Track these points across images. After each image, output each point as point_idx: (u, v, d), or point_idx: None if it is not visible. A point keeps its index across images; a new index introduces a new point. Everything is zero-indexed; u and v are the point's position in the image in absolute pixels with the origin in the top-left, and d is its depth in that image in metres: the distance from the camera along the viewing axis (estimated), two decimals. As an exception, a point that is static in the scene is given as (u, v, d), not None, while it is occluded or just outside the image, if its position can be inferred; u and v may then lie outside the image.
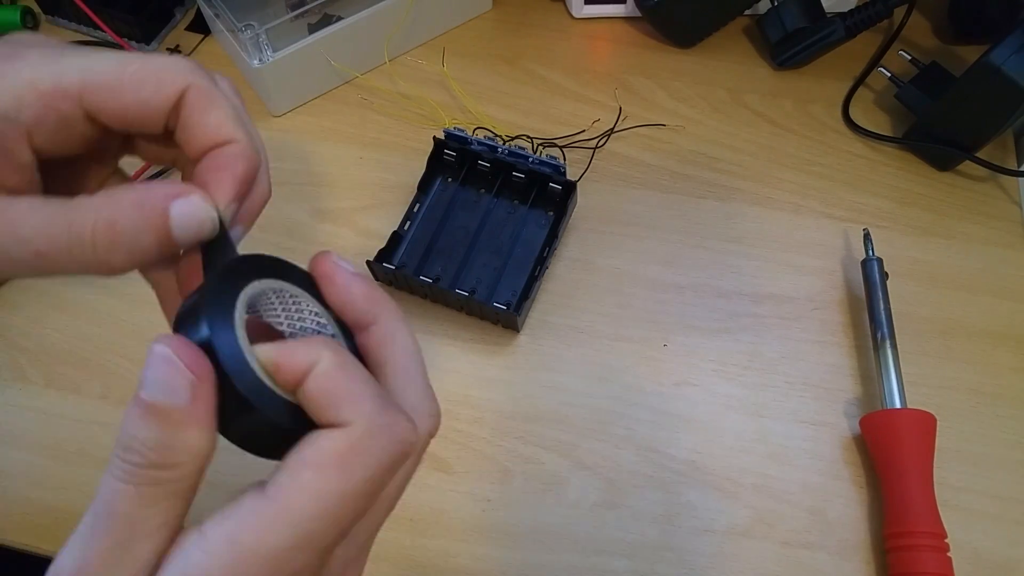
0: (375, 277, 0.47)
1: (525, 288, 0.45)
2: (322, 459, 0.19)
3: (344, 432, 0.19)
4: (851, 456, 0.43)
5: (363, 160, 0.54)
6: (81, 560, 0.19)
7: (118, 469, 0.19)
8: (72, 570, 0.19)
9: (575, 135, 0.54)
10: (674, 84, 0.57)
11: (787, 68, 0.58)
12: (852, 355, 0.46)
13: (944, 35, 0.59)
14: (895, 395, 0.41)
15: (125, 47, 0.58)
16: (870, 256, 0.46)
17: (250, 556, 0.19)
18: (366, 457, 0.19)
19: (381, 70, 0.58)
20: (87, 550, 0.19)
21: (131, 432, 0.19)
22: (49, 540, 0.40)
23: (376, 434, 0.20)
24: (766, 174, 0.53)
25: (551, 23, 0.61)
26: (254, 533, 0.19)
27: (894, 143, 0.54)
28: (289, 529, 0.19)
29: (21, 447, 0.43)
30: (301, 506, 0.19)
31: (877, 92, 0.57)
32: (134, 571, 0.19)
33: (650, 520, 0.41)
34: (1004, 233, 0.50)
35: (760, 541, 0.40)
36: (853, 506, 0.41)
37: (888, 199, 0.52)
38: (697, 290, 0.48)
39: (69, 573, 0.19)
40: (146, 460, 0.19)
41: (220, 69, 0.62)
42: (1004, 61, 0.45)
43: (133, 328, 0.46)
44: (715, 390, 0.45)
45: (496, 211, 0.49)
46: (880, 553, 0.40)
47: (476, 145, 0.48)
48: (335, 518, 0.19)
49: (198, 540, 0.19)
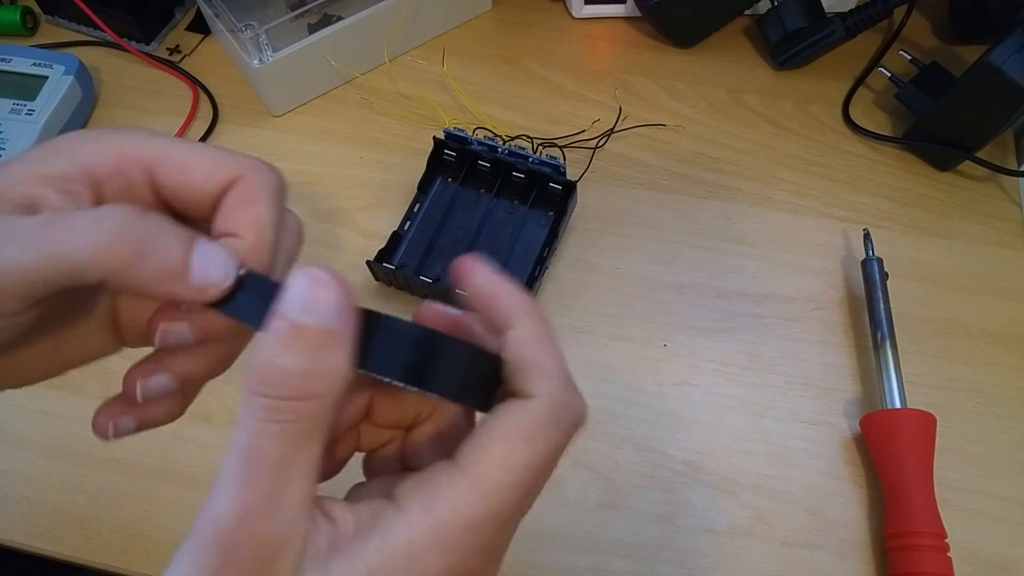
0: (375, 277, 0.47)
1: (525, 289, 0.45)
2: (510, 432, 0.20)
3: (532, 405, 0.20)
4: (851, 456, 0.43)
5: (363, 160, 0.54)
6: (238, 510, 0.18)
7: (258, 408, 0.18)
8: (232, 521, 0.18)
9: (575, 135, 0.54)
10: (674, 84, 0.57)
11: (787, 68, 0.58)
12: (852, 355, 0.46)
13: (944, 35, 0.59)
14: (895, 395, 0.41)
15: (125, 47, 0.58)
16: (870, 256, 0.46)
17: (446, 526, 0.19)
18: (550, 432, 0.20)
19: (381, 70, 0.58)
20: (239, 500, 0.18)
21: (272, 362, 0.18)
22: (49, 540, 0.40)
23: (559, 411, 0.20)
24: (766, 174, 0.53)
25: (551, 23, 0.61)
26: (450, 504, 0.19)
27: (894, 143, 0.54)
28: (482, 500, 0.19)
29: (21, 447, 0.43)
30: (492, 477, 0.20)
31: (877, 92, 0.57)
32: (292, 518, 0.19)
33: (650, 520, 0.41)
34: (1004, 233, 0.50)
35: (760, 541, 0.40)
36: (853, 506, 0.41)
37: (888, 199, 0.52)
38: (697, 290, 0.48)
39: (230, 526, 0.18)
40: (290, 390, 0.18)
41: (220, 69, 0.63)
42: (1004, 61, 0.45)
43: (133, 328, 0.46)
44: (715, 390, 0.45)
45: (496, 211, 0.49)
46: (880, 553, 0.40)
47: (476, 145, 0.48)
48: (521, 490, 0.20)
49: (396, 513, 0.20)
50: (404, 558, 0.19)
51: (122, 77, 0.58)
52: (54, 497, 0.41)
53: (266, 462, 0.18)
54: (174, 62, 0.59)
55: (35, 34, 0.61)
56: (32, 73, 0.54)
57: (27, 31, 0.61)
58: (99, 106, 0.57)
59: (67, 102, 0.54)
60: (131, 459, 0.42)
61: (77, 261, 0.19)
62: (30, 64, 0.54)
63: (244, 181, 0.23)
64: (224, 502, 0.18)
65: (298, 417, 0.18)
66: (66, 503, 0.41)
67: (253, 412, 0.18)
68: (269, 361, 0.18)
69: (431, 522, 0.19)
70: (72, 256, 0.19)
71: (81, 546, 0.40)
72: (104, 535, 0.40)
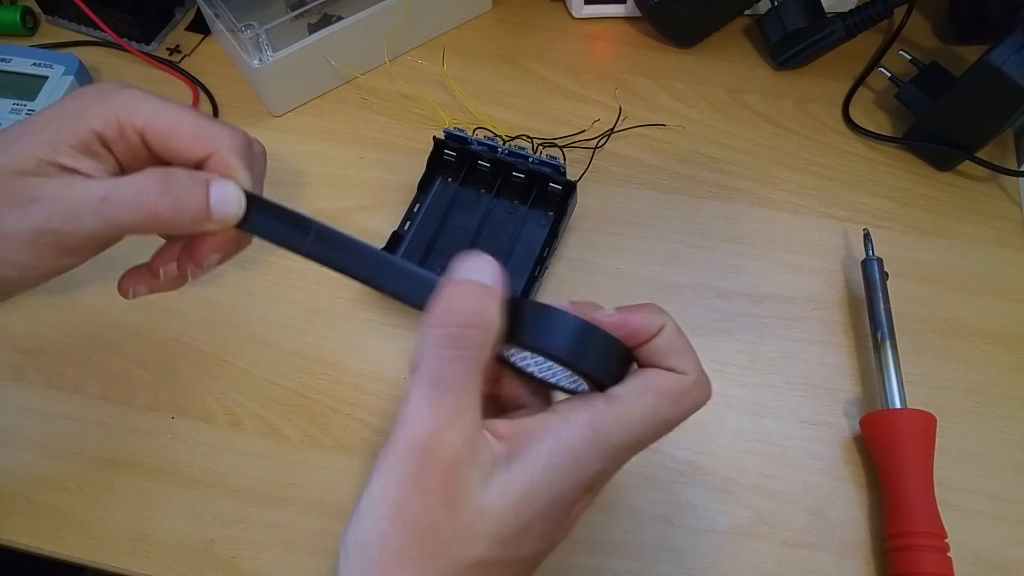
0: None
1: (525, 288, 0.45)
2: (663, 389, 0.26)
3: (680, 377, 0.26)
4: (851, 456, 0.43)
5: (363, 160, 0.54)
6: (430, 426, 0.24)
7: (439, 337, 0.25)
8: (426, 435, 0.23)
9: (575, 135, 0.54)
10: (674, 84, 0.57)
11: (787, 68, 0.58)
12: (852, 355, 0.46)
13: (944, 35, 0.59)
14: (895, 395, 0.41)
15: (125, 47, 0.58)
16: (870, 256, 0.46)
17: (602, 440, 0.25)
18: (688, 400, 0.26)
19: (381, 70, 0.58)
20: (431, 417, 0.24)
21: (449, 303, 0.25)
22: (49, 540, 0.40)
23: (697, 386, 0.27)
24: (766, 174, 0.53)
25: (551, 23, 0.61)
26: (607, 424, 0.25)
27: (894, 143, 0.54)
28: (629, 429, 0.25)
29: (21, 447, 0.43)
30: (640, 415, 0.25)
31: (877, 92, 0.57)
32: (472, 432, 0.24)
33: (650, 520, 0.41)
34: (1004, 233, 0.50)
35: (760, 541, 0.40)
36: (853, 506, 0.41)
37: (888, 199, 0.52)
38: (697, 290, 0.48)
39: (424, 439, 0.23)
40: (466, 319, 0.25)
41: (220, 69, 0.63)
42: (1004, 61, 0.45)
43: (133, 328, 0.46)
44: (715, 390, 0.44)
45: (496, 211, 0.49)
46: (880, 553, 0.40)
47: (476, 145, 0.48)
48: (651, 435, 0.26)
49: (563, 423, 0.25)
50: (571, 457, 0.24)
51: (122, 77, 0.58)
52: (54, 497, 0.41)
53: (450, 385, 0.24)
54: (174, 62, 0.59)
55: (35, 34, 0.61)
56: (32, 73, 0.54)
57: (27, 31, 0.61)
58: (99, 106, 0.57)
59: (67, 102, 0.54)
60: (131, 459, 0.42)
61: (132, 227, 0.29)
62: (30, 64, 0.54)
63: (218, 155, 0.30)
64: (418, 420, 0.24)
65: (470, 345, 0.24)
66: (66, 503, 0.41)
67: (435, 343, 0.24)
68: (447, 302, 0.25)
69: (592, 433, 0.25)
70: (129, 225, 0.29)
71: (81, 546, 0.40)
72: (104, 535, 0.40)
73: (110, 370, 0.45)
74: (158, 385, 0.45)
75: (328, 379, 0.45)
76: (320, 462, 0.42)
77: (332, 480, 0.42)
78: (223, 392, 0.44)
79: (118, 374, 0.45)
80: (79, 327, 0.47)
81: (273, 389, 0.45)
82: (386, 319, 0.47)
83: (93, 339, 0.46)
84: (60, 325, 0.47)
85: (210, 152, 0.30)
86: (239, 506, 0.41)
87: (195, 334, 0.46)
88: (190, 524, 0.41)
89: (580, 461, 0.25)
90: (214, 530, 0.40)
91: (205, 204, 0.29)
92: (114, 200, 0.28)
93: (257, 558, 0.40)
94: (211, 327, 0.47)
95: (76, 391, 0.44)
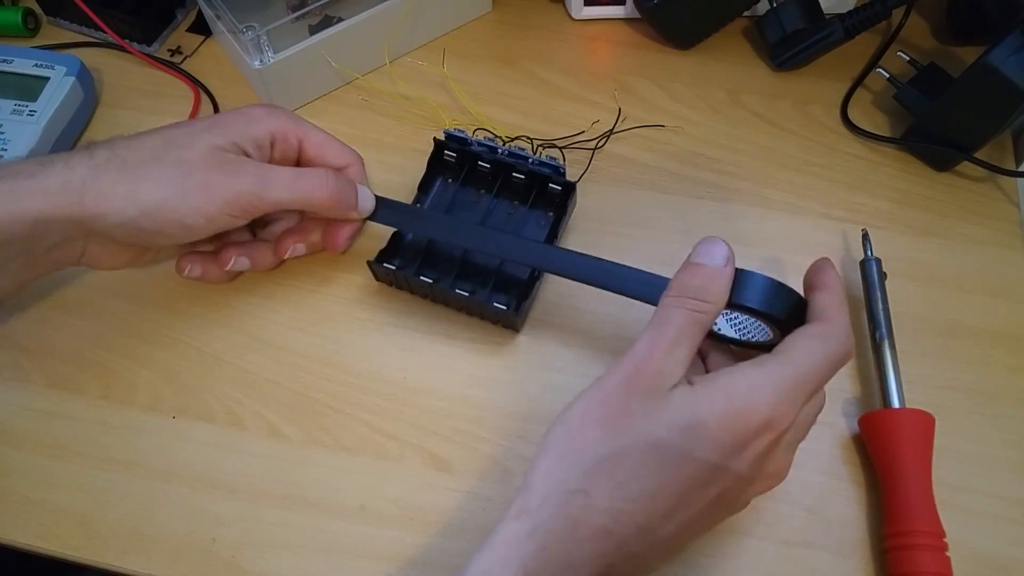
0: (376, 277, 0.47)
1: (525, 288, 0.46)
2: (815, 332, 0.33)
3: (826, 324, 0.33)
4: (850, 455, 0.43)
5: (363, 161, 0.54)
6: (649, 347, 0.32)
7: (672, 299, 0.33)
8: (644, 352, 0.32)
9: (575, 136, 0.54)
10: (673, 85, 0.57)
11: (786, 69, 0.58)
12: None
13: (942, 36, 0.59)
14: (894, 395, 0.42)
15: (126, 48, 0.58)
16: (869, 256, 0.46)
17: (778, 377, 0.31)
18: (834, 340, 0.32)
19: (382, 71, 0.58)
20: (651, 342, 0.32)
21: (685, 282, 0.33)
22: (49, 540, 0.40)
23: (844, 331, 0.33)
24: (765, 175, 0.53)
25: (551, 24, 0.61)
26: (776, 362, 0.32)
27: (893, 144, 0.54)
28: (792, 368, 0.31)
29: (21, 447, 0.43)
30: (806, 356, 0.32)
31: (876, 93, 0.57)
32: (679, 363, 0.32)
33: (650, 519, 0.41)
34: (1003, 233, 0.50)
35: (760, 540, 0.40)
36: (852, 505, 0.41)
37: (887, 200, 0.52)
38: (696, 290, 0.48)
39: (642, 355, 0.32)
40: (693, 293, 0.33)
41: (221, 70, 0.63)
42: (1002, 62, 0.45)
43: (134, 328, 0.47)
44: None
45: (496, 211, 0.49)
46: (879, 552, 0.40)
47: (476, 146, 0.48)
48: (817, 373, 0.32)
49: (753, 367, 0.31)
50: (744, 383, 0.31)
51: (123, 78, 0.59)
52: (54, 497, 0.41)
53: (671, 325, 0.32)
54: (175, 63, 0.59)
55: (36, 35, 0.61)
56: (34, 74, 0.54)
57: (28, 32, 0.61)
58: (100, 107, 0.57)
59: (69, 103, 0.54)
60: (131, 459, 0.42)
61: (312, 203, 0.42)
62: (32, 65, 0.54)
63: (353, 167, 0.46)
64: (642, 344, 0.32)
65: (695, 308, 0.32)
66: (66, 503, 0.41)
67: (669, 303, 0.33)
68: (682, 282, 0.33)
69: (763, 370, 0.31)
70: (311, 200, 0.42)
71: (81, 546, 0.40)
72: (104, 535, 0.40)
73: (111, 370, 0.45)
74: (159, 385, 0.45)
75: (328, 379, 0.45)
76: (321, 461, 0.42)
77: (333, 479, 0.42)
78: (224, 392, 0.45)
79: (119, 374, 0.45)
80: (80, 327, 0.47)
81: (274, 389, 0.45)
82: (386, 319, 0.47)
83: (94, 339, 0.46)
84: (61, 325, 0.47)
85: (348, 164, 0.45)
86: (240, 505, 0.41)
87: (196, 334, 0.46)
88: (191, 523, 0.41)
89: (752, 387, 0.31)
90: (215, 529, 0.40)
91: (355, 198, 0.43)
92: (303, 179, 0.41)
93: (258, 557, 0.40)
94: (212, 327, 0.47)
95: (77, 391, 0.45)
